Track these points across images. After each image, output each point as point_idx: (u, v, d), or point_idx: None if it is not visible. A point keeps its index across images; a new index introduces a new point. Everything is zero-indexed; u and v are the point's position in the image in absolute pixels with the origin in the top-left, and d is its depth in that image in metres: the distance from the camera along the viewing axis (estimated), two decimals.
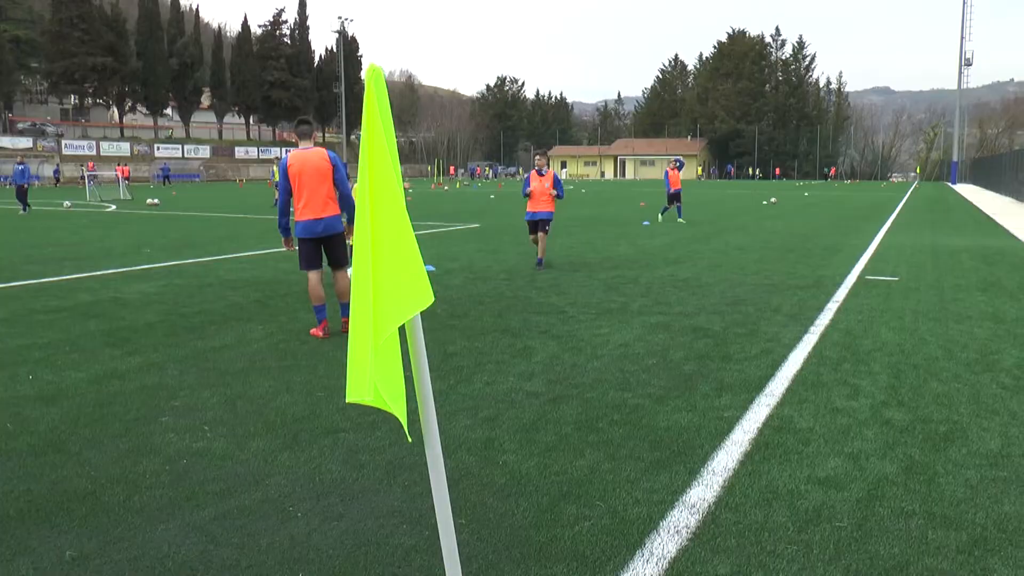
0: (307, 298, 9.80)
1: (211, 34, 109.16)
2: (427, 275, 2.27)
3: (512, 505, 4.12)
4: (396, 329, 2.18)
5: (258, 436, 5.19)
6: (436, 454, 2.46)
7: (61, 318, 9.20)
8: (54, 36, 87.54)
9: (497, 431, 5.25)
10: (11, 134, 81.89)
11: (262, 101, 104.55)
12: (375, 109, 2.21)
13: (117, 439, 5.16)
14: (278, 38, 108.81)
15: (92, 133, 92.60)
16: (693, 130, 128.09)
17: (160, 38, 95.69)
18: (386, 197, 2.18)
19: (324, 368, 6.89)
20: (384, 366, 2.14)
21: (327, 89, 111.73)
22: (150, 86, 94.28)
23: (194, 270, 13.38)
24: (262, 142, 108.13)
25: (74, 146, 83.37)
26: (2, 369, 6.92)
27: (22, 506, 4.17)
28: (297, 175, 8.06)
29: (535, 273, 12.83)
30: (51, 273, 13.04)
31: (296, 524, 3.93)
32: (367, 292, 2.14)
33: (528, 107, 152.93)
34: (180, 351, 7.55)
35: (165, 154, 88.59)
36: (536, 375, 6.63)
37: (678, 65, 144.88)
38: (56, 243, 18.31)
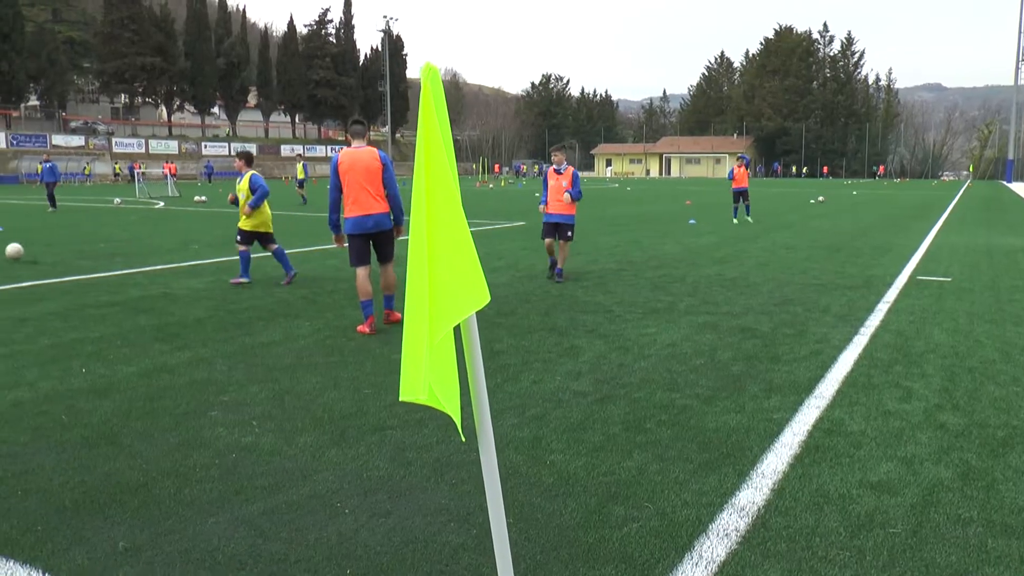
0: (354, 294, 9.99)
1: (258, 34, 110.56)
2: (483, 274, 2.25)
3: (560, 505, 4.09)
4: (451, 328, 2.16)
5: (306, 432, 5.22)
6: (490, 454, 2.44)
7: (112, 313, 9.35)
8: (106, 37, 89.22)
9: (544, 430, 5.22)
10: (64, 132, 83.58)
11: (308, 99, 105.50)
12: (431, 107, 2.19)
13: (168, 432, 5.23)
14: (324, 37, 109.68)
15: (141, 131, 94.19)
16: (739, 128, 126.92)
17: (208, 38, 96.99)
18: (442, 195, 2.16)
19: (371, 365, 6.92)
20: (438, 365, 2.13)
21: (372, 87, 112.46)
22: (198, 85, 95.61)
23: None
24: (308, 140, 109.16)
25: (124, 144, 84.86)
26: (56, 362, 7.05)
27: (77, 497, 4.24)
28: (347, 172, 8.21)
29: (581, 272, 12.76)
30: (102, 268, 13.27)
31: (344, 520, 3.94)
32: (423, 291, 2.12)
33: (573, 105, 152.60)
34: (228, 346, 7.64)
35: (212, 152, 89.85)
36: (583, 374, 6.59)
37: (724, 62, 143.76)
38: (107, 239, 18.62)
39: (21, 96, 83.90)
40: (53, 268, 13.42)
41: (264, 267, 13.34)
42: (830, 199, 40.98)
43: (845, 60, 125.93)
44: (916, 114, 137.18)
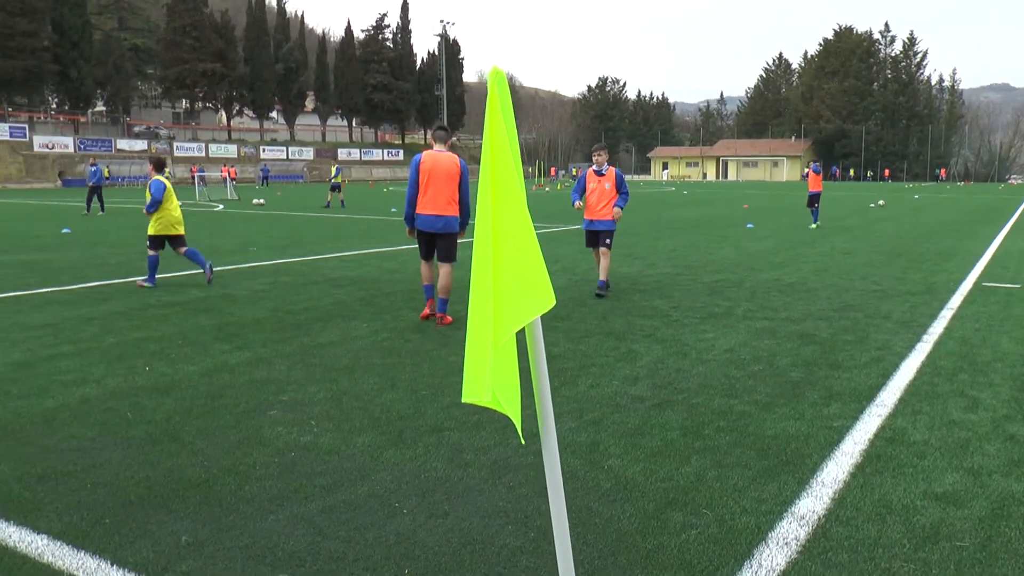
0: (409, 297, 10.27)
1: (316, 39, 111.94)
2: (549, 277, 2.24)
3: (618, 510, 4.07)
4: (515, 332, 2.16)
5: (364, 432, 5.27)
6: (553, 459, 2.44)
7: (174, 313, 9.54)
8: (168, 44, 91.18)
9: (602, 435, 5.20)
10: (128, 137, 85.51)
11: (364, 104, 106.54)
12: (498, 111, 2.19)
13: (228, 430, 5.31)
14: (380, 42, 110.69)
15: (201, 136, 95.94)
16: (797, 130, 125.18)
17: (267, 44, 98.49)
18: (508, 198, 2.16)
19: (428, 367, 6.96)
20: (501, 368, 2.13)
21: (428, 91, 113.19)
22: (257, 90, 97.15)
23: (299, 268, 13.72)
24: (364, 144, 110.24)
25: (185, 148, 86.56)
26: (122, 360, 7.21)
27: (141, 491, 4.33)
28: (427, 172, 8.72)
29: (638, 276, 12.70)
30: (163, 269, 13.52)
31: (402, 520, 3.97)
32: (487, 294, 2.12)
33: (629, 108, 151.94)
34: (287, 347, 7.74)
35: (270, 156, 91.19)
36: (641, 379, 6.55)
37: (782, 64, 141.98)
38: None
39: (88, 102, 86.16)
40: (118, 268, 13.74)
41: (321, 269, 13.50)
42: (890, 203, 40.24)
43: (907, 60, 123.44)
44: (982, 115, 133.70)
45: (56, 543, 3.76)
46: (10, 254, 16.26)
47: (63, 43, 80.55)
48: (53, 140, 76.24)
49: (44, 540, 3.78)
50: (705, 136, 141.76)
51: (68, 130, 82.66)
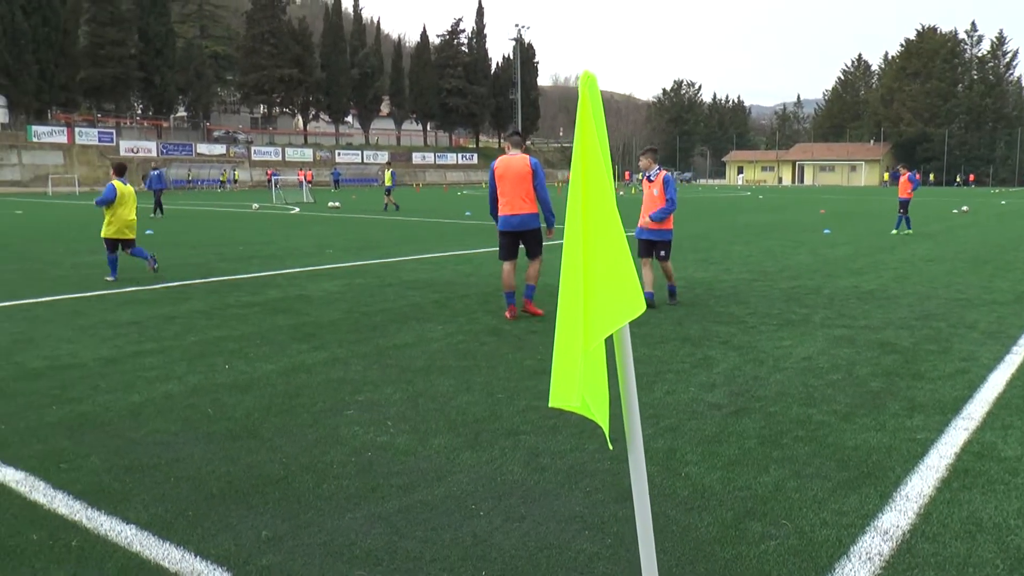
0: (483, 300, 10.40)
1: (391, 45, 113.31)
2: (639, 283, 2.22)
3: (695, 519, 4.02)
4: (605, 337, 2.15)
5: (440, 434, 5.30)
6: (639, 466, 2.42)
7: (253, 312, 9.73)
8: (247, 51, 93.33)
9: (679, 441, 5.15)
10: (208, 141, 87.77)
11: (439, 108, 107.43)
12: (589, 115, 2.18)
13: (306, 429, 5.40)
14: (456, 47, 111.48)
15: (278, 140, 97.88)
16: (876, 134, 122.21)
17: (343, 50, 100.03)
18: (599, 203, 2.15)
19: (504, 370, 6.97)
20: (590, 374, 2.12)
21: (503, 96, 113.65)
22: (333, 95, 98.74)
23: (374, 270, 13.88)
24: (439, 148, 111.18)
25: (262, 152, 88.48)
26: (202, 358, 7.39)
27: (223, 486, 4.43)
28: (502, 176, 9.20)
29: (714, 282, 12.55)
30: (243, 270, 13.84)
31: (478, 522, 3.98)
32: (577, 298, 2.11)
33: (705, 111, 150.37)
34: (363, 348, 7.83)
35: (345, 160, 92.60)
36: (717, 386, 6.47)
37: (861, 65, 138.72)
38: (246, 242, 19.42)
39: (171, 108, 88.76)
40: (198, 269, 14.08)
41: (396, 271, 13.64)
42: (974, 208, 39.03)
43: (995, 61, 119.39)
44: None
45: (143, 533, 3.87)
46: (98, 254, 16.78)
47: (148, 51, 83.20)
48: (138, 144, 78.70)
49: (133, 530, 3.90)
50: (781, 140, 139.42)
51: (151, 135, 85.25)
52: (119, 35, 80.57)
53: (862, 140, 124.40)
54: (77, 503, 4.22)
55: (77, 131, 75.39)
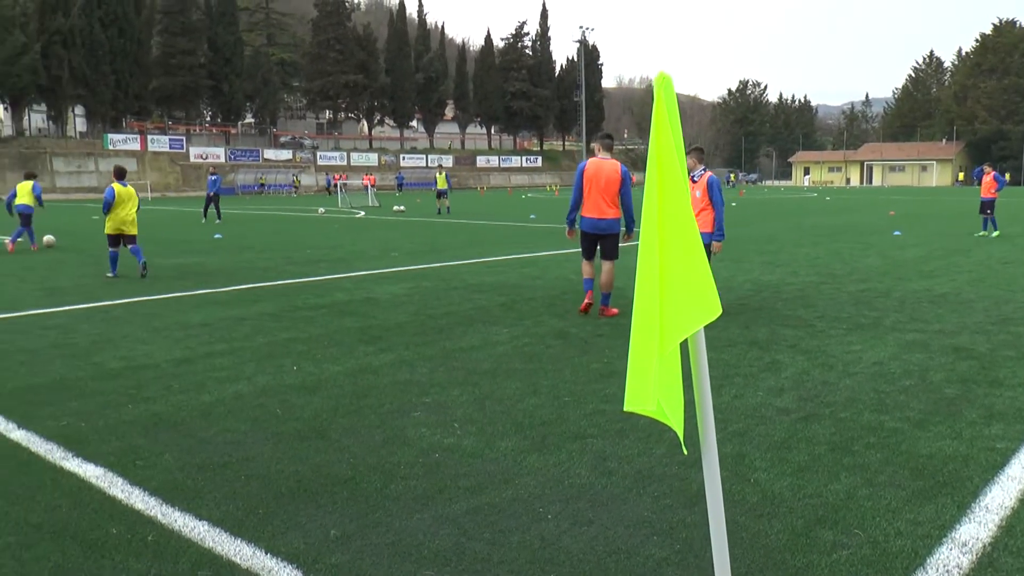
0: (550, 303, 10.51)
1: (455, 49, 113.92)
2: (715, 286, 2.20)
3: (765, 525, 3.96)
4: (681, 341, 2.13)
5: (507, 436, 5.30)
6: (714, 472, 2.39)
7: (320, 315, 9.87)
8: (313, 57, 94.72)
9: (747, 447, 5.08)
10: (274, 147, 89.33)
11: (503, 111, 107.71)
12: (664, 117, 2.17)
13: (373, 430, 5.45)
14: (520, 50, 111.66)
15: (343, 145, 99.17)
16: (948, 132, 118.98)
17: (408, 55, 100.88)
18: (675, 205, 2.13)
19: (570, 373, 6.95)
20: (665, 378, 2.10)
21: (567, 98, 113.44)
22: (397, 100, 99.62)
23: (440, 273, 13.98)
24: (503, 151, 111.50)
25: (327, 157, 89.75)
26: (271, 359, 7.52)
27: (292, 485, 4.50)
28: (591, 179, 9.37)
29: (781, 284, 12.36)
30: (310, 273, 14.05)
31: (546, 525, 3.97)
32: (653, 302, 2.10)
33: (770, 111, 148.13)
34: (429, 350, 7.89)
35: (410, 164, 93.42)
36: (786, 391, 6.37)
37: (933, 62, 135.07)
38: (313, 246, 19.71)
39: (239, 114, 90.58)
40: (266, 272, 14.33)
41: (461, 274, 13.71)
42: None
43: None
44: None
45: (216, 529, 3.95)
46: (169, 258, 17.22)
47: (217, 60, 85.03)
48: (207, 151, 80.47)
49: (205, 526, 3.99)
50: (849, 139, 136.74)
51: (220, 141, 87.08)
52: (190, 45, 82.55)
53: (933, 139, 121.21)
54: (152, 499, 4.33)
55: (149, 138, 77.37)
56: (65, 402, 6.21)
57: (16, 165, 67.43)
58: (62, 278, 13.83)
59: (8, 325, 9.48)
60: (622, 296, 10.59)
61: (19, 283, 13.26)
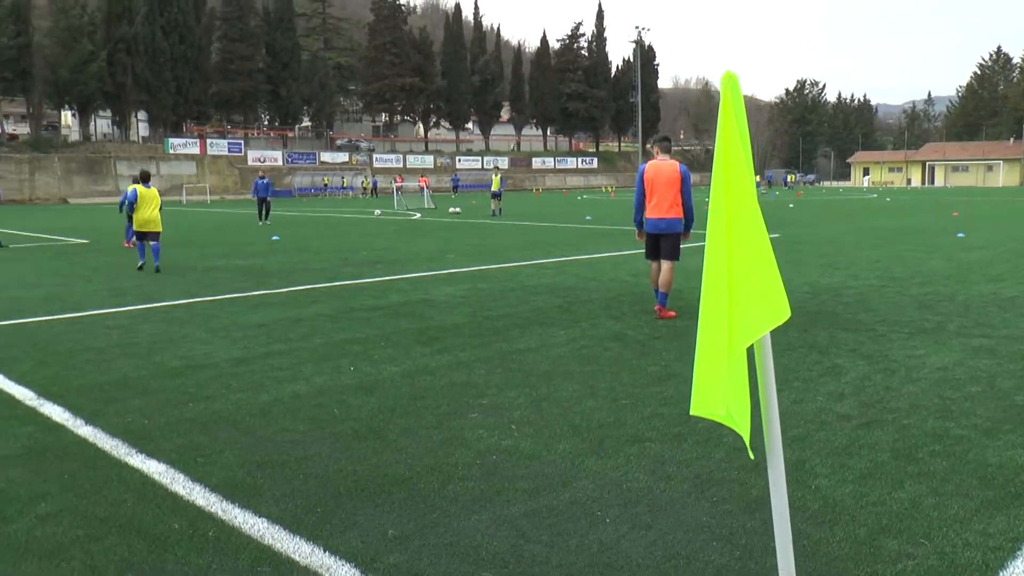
0: (607, 305, 10.52)
1: (511, 51, 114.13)
2: (784, 288, 2.15)
3: (827, 533, 3.88)
4: (749, 344, 2.09)
5: (564, 439, 5.28)
6: (779, 478, 2.35)
7: (376, 316, 9.94)
8: (370, 61, 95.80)
9: (807, 452, 4.99)
10: (331, 150, 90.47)
11: (559, 112, 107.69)
12: (731, 116, 2.13)
13: (430, 430, 5.47)
14: (576, 51, 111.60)
15: (399, 147, 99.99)
16: (1016, 131, 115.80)
17: (463, 57, 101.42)
18: (742, 206, 2.10)
19: (627, 376, 6.91)
20: (733, 382, 2.07)
21: (623, 99, 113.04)
22: (453, 102, 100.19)
23: (496, 275, 14.00)
24: (559, 152, 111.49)
25: (383, 159, 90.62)
26: (329, 360, 7.59)
27: (349, 485, 4.53)
28: (651, 181, 9.57)
29: (840, 287, 12.15)
30: (366, 275, 14.17)
31: (604, 529, 3.94)
32: (721, 304, 2.06)
33: (829, 111, 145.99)
34: (486, 351, 7.90)
35: (465, 166, 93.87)
36: (846, 396, 6.25)
37: (1000, 58, 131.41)
38: (369, 248, 19.88)
39: (296, 118, 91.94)
40: (323, 273, 14.49)
41: (517, 276, 13.72)
42: None
43: None
44: None
45: (274, 527, 4.00)
46: (228, 259, 17.51)
47: (275, 65, 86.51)
48: (264, 154, 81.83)
49: (264, 523, 4.04)
50: (910, 139, 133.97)
51: (277, 144, 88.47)
52: (248, 51, 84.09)
53: (1000, 138, 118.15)
54: (213, 496, 4.40)
55: (208, 142, 78.96)
56: (129, 399, 6.34)
57: (83, 169, 69.39)
58: (124, 279, 14.13)
59: (76, 324, 9.73)
60: (679, 298, 10.51)
61: (85, 284, 13.60)
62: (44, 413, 6.03)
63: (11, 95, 72.54)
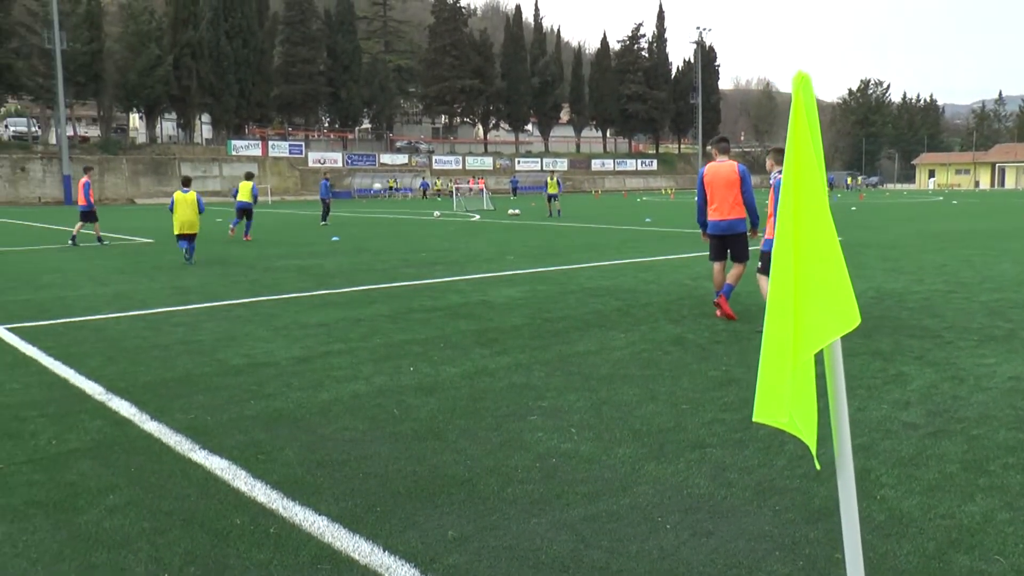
0: (667, 308, 10.42)
1: (571, 52, 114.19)
2: (854, 294, 2.10)
3: (894, 546, 3.78)
4: (816, 351, 2.04)
5: (624, 443, 5.24)
6: (850, 489, 2.29)
7: (435, 317, 9.98)
8: (430, 63, 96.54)
9: (872, 462, 4.87)
10: (390, 152, 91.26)
11: (619, 114, 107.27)
12: (803, 117, 2.09)
13: (489, 432, 5.47)
14: (636, 52, 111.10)
15: (459, 149, 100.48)
16: None
17: (523, 59, 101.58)
18: (812, 208, 2.05)
19: (688, 380, 6.83)
20: (799, 390, 2.02)
21: (683, 100, 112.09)
22: (513, 104, 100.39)
23: (555, 277, 13.97)
24: (618, 154, 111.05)
25: (443, 161, 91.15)
26: (388, 360, 7.64)
27: (409, 485, 4.55)
28: (710, 183, 9.67)
29: (905, 292, 11.88)
30: (425, 276, 14.24)
31: (665, 536, 3.90)
32: (787, 309, 2.02)
33: (893, 111, 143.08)
34: (545, 354, 7.87)
35: (524, 168, 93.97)
36: (912, 404, 6.09)
37: None
38: (428, 249, 19.99)
39: (356, 120, 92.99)
40: (383, 274, 14.60)
41: (576, 278, 13.67)
42: None
43: None
44: None
45: (334, 525, 4.03)
46: (289, 259, 17.76)
47: (336, 67, 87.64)
48: (324, 156, 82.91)
49: (324, 521, 4.07)
50: (979, 140, 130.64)
51: (337, 146, 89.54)
52: (310, 54, 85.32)
53: None
54: (274, 492, 4.45)
55: (270, 144, 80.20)
56: (192, 396, 6.46)
57: (149, 170, 71.04)
58: (188, 278, 14.41)
59: (143, 322, 9.94)
60: (738, 302, 10.37)
61: (150, 282, 13.90)
62: (112, 408, 6.17)
63: (83, 99, 74.76)
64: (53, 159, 66.74)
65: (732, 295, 9.81)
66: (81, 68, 67.83)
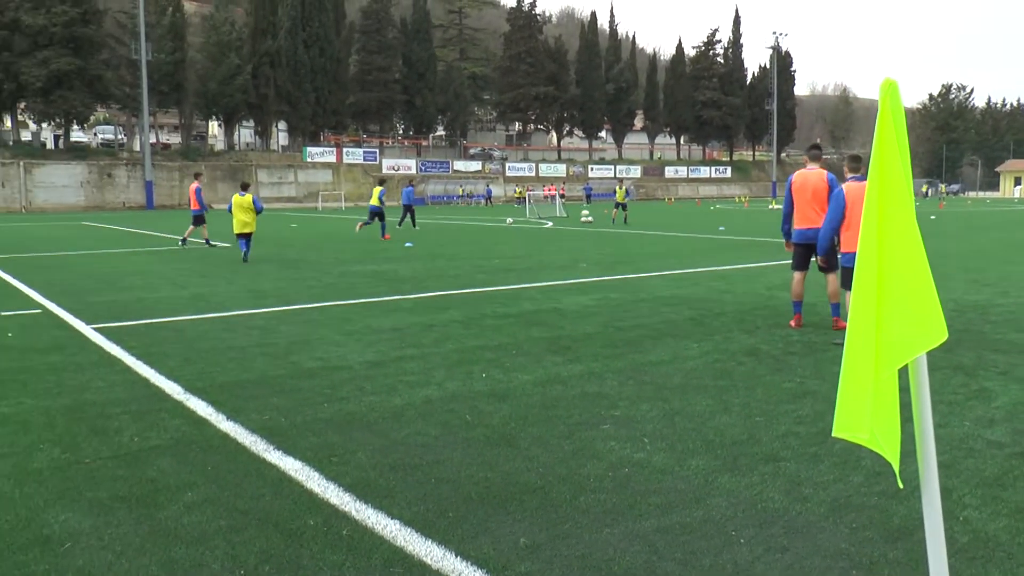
0: (741, 318, 10.25)
1: (646, 59, 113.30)
2: (940, 307, 2.04)
3: (980, 570, 3.64)
4: (900, 366, 1.99)
5: (697, 454, 5.18)
6: (935, 511, 2.23)
7: (507, 323, 10.00)
8: (504, 71, 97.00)
9: (954, 481, 4.71)
10: (464, 158, 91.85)
11: (693, 121, 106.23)
12: (890, 125, 2.04)
13: (562, 440, 5.45)
14: (711, 58, 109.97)
15: (532, 156, 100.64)
16: None
17: (598, 65, 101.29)
18: (898, 219, 2.00)
19: (762, 392, 6.72)
20: (881, 406, 1.97)
21: (759, 106, 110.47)
22: (587, 111, 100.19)
23: (628, 285, 13.89)
24: (692, 161, 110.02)
25: (516, 168, 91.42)
26: (461, 366, 7.67)
27: (481, 491, 4.56)
28: (799, 191, 9.52)
29: (989, 305, 11.51)
30: (498, 282, 14.28)
31: (739, 550, 3.83)
32: (870, 322, 1.97)
33: (976, 117, 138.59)
34: (618, 363, 7.82)
35: (598, 175, 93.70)
36: (997, 422, 5.88)
37: None
38: (500, 256, 20.06)
39: (430, 127, 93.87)
40: (456, 280, 14.69)
41: (649, 286, 13.57)
42: None
43: None
44: None
45: (407, 529, 4.06)
46: (363, 264, 17.99)
47: (411, 75, 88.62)
48: (398, 163, 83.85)
49: (397, 525, 4.10)
50: None
51: (411, 153, 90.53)
52: (385, 62, 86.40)
53: None
54: (347, 495, 4.50)
55: (344, 151, 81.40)
56: (267, 397, 6.58)
57: (227, 177, 72.73)
58: (264, 282, 14.70)
59: (221, 324, 10.17)
60: (812, 312, 10.18)
61: (227, 286, 14.22)
62: (190, 407, 6.33)
63: (166, 107, 76.97)
64: (137, 165, 68.95)
65: (805, 307, 9.66)
66: (164, 77, 69.93)
